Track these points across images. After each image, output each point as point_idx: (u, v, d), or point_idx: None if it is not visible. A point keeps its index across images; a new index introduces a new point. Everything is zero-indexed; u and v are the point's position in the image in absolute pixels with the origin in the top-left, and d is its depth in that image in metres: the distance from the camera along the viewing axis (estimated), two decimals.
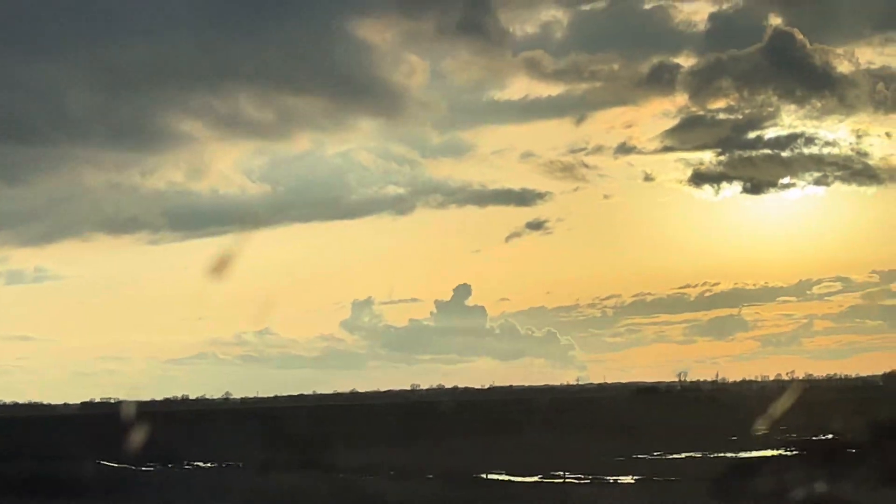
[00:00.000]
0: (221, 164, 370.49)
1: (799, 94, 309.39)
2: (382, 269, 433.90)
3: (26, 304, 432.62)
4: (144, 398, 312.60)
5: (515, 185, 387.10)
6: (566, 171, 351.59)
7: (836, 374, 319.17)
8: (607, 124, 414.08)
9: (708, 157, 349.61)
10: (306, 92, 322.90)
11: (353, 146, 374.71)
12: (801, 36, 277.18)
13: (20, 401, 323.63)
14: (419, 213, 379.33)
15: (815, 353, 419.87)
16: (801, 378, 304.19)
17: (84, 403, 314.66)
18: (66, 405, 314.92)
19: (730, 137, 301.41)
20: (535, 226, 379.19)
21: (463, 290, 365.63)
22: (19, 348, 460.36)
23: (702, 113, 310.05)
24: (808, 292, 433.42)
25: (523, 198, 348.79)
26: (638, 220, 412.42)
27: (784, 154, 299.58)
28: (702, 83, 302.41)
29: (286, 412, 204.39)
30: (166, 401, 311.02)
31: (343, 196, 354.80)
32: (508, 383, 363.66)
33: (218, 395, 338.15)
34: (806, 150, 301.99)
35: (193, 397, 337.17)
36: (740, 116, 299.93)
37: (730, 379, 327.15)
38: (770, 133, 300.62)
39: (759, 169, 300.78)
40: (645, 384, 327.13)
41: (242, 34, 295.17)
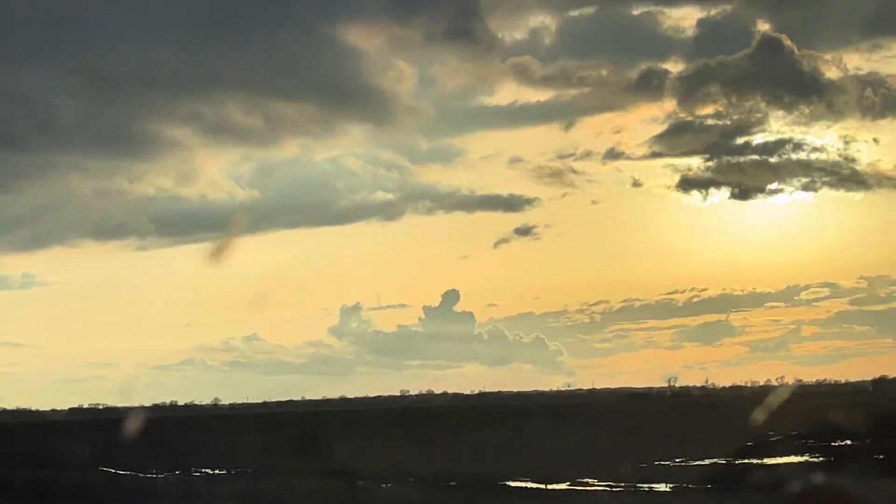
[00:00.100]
0: (209, 170, 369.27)
1: (787, 99, 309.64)
2: (371, 274, 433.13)
3: (14, 311, 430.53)
4: (133, 404, 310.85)
5: (504, 190, 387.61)
6: (554, 176, 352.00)
7: (825, 379, 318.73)
8: (596, 130, 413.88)
9: (696, 162, 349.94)
10: (295, 98, 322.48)
11: (342, 152, 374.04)
12: (789, 42, 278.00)
13: (8, 407, 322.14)
14: (407, 219, 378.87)
15: (803, 358, 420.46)
16: (791, 383, 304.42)
17: (72, 409, 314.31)
18: (54, 411, 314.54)
19: (718, 143, 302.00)
20: (524, 231, 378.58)
21: (451, 296, 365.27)
22: (7, 354, 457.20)
23: (690, 119, 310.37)
24: (796, 298, 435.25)
25: (512, 203, 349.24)
26: (626, 225, 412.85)
27: (772, 160, 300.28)
28: (690, 89, 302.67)
29: (285, 417, 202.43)
30: (155, 406, 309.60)
31: (332, 202, 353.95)
32: (497, 389, 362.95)
33: (207, 401, 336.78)
34: (794, 156, 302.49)
35: (182, 403, 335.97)
36: (728, 122, 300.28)
37: (719, 384, 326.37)
38: (758, 139, 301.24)
39: (747, 175, 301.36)
40: (634, 390, 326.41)
41: (230, 41, 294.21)
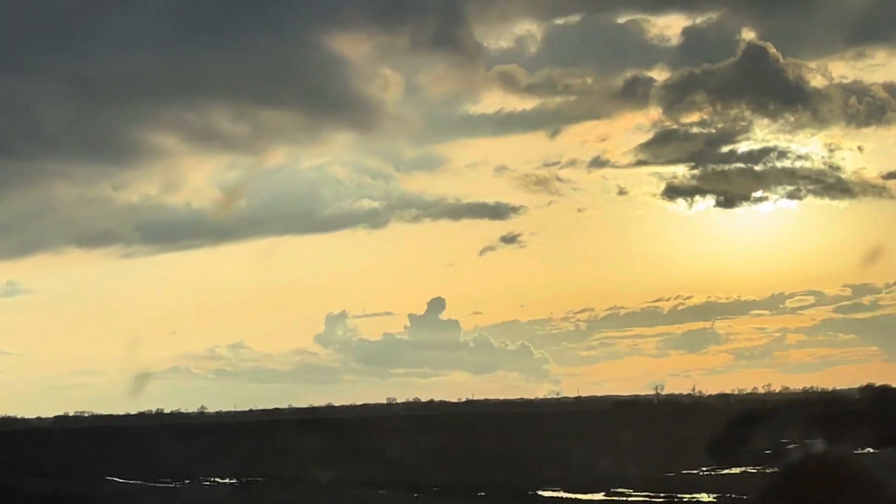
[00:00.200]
0: (195, 177, 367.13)
1: (772, 107, 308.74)
2: (356, 282, 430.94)
3: None
4: (118, 412, 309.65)
5: (489, 198, 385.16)
6: (540, 184, 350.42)
7: (811, 386, 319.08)
8: (581, 138, 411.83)
9: (681, 170, 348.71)
10: (280, 106, 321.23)
11: (328, 160, 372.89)
12: (774, 50, 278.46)
13: None
14: (393, 227, 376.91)
15: (789, 366, 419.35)
16: (777, 391, 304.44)
17: (58, 417, 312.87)
18: (39, 419, 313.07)
19: (703, 151, 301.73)
20: (509, 239, 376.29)
21: (437, 304, 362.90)
22: None
23: (675, 127, 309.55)
24: (781, 306, 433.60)
25: (497, 211, 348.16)
26: (611, 233, 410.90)
27: (757, 168, 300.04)
28: (675, 97, 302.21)
29: (284, 425, 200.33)
30: (140, 415, 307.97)
31: (317, 210, 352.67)
32: (483, 397, 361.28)
33: (193, 409, 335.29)
34: (779, 164, 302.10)
35: (168, 411, 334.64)
36: (713, 130, 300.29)
37: (706, 392, 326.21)
38: (743, 147, 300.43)
39: (732, 183, 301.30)
40: (620, 397, 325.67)
41: (216, 48, 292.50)
